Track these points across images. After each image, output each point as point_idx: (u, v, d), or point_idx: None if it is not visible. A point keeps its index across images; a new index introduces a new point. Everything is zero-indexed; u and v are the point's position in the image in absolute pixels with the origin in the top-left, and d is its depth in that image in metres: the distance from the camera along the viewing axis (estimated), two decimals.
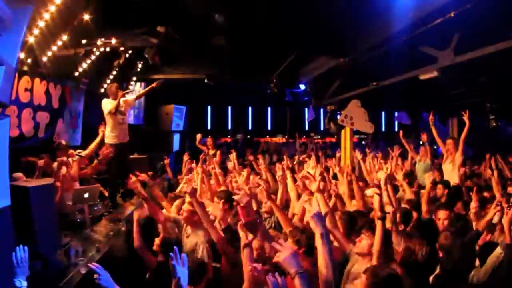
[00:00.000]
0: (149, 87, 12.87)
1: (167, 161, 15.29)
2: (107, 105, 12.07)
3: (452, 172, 12.24)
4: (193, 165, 12.17)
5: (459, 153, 12.21)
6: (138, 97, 14.05)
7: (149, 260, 7.26)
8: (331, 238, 5.89)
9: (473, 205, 8.43)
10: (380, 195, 5.87)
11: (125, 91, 12.66)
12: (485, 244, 6.99)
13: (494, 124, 18.80)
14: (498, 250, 6.34)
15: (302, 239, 5.69)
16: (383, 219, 5.52)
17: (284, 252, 3.97)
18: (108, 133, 12.18)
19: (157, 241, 7.27)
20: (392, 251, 6.31)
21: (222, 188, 10.47)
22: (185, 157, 13.36)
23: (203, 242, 7.44)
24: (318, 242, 4.26)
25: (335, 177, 12.14)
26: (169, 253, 4.39)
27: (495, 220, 7.31)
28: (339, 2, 10.88)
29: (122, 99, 12.21)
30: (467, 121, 12.36)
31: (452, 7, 9.42)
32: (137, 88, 18.48)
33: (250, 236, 5.44)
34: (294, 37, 14.17)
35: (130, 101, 12.87)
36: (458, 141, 12.51)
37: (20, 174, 8.35)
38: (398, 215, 7.60)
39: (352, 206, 9.35)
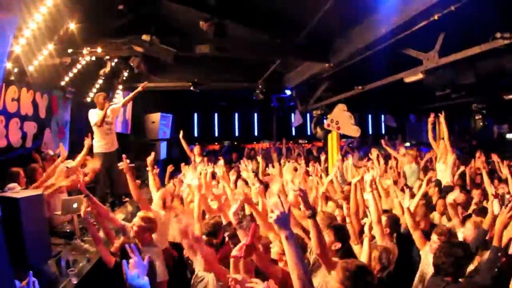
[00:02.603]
0: (135, 91, 12.89)
1: (156, 170, 15.21)
2: (93, 116, 12.05)
3: (445, 172, 12.41)
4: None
5: (450, 153, 12.36)
6: (125, 104, 14.01)
7: (109, 260, 7.15)
8: None
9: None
10: (302, 196, 5.78)
11: (112, 103, 12.64)
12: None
13: (481, 124, 18.85)
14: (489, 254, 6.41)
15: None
16: (313, 216, 5.50)
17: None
18: (96, 143, 12.16)
19: (116, 243, 7.24)
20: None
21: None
22: (169, 169, 13.34)
23: (158, 258, 7.40)
24: (285, 244, 4.11)
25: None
26: (125, 256, 4.40)
27: (496, 211, 7.33)
28: (323, 7, 10.91)
29: (109, 109, 12.20)
30: (443, 122, 12.54)
31: (436, 9, 9.49)
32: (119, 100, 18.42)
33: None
34: (279, 43, 14.22)
35: (117, 109, 12.87)
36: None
37: (15, 184, 8.35)
38: (385, 219, 7.64)
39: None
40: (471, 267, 6.53)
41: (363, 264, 5.23)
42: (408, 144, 26.04)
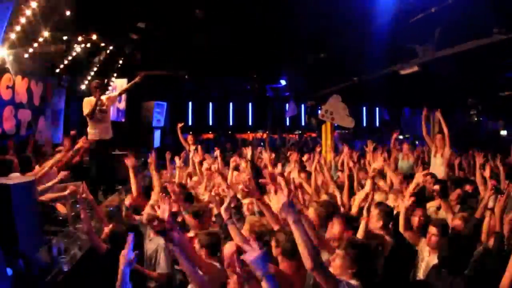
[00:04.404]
0: (132, 82, 12.76)
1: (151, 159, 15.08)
2: (86, 106, 11.94)
3: (441, 166, 12.35)
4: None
5: (447, 148, 12.30)
6: (121, 93, 13.96)
7: (100, 247, 7.11)
8: None
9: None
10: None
11: (106, 93, 12.54)
12: None
13: (475, 119, 18.89)
14: (480, 250, 6.46)
15: (283, 240, 5.66)
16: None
17: (252, 253, 4.00)
18: (90, 130, 12.08)
19: (106, 230, 7.25)
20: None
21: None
22: (168, 155, 13.27)
23: (163, 249, 7.31)
24: (293, 228, 4.26)
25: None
26: (115, 243, 4.44)
27: (490, 204, 7.40)
28: None
29: (104, 96, 12.14)
30: (441, 119, 12.48)
31: (433, 2, 9.48)
32: (118, 84, 18.39)
33: None
34: (274, 34, 14.20)
35: (112, 97, 12.77)
36: (444, 137, 12.59)
37: (17, 174, 8.35)
38: (377, 211, 7.61)
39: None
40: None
41: (368, 243, 5.30)
42: (401, 137, 26.00)
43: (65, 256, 7.40)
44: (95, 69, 15.77)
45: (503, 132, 28.07)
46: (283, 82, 21.92)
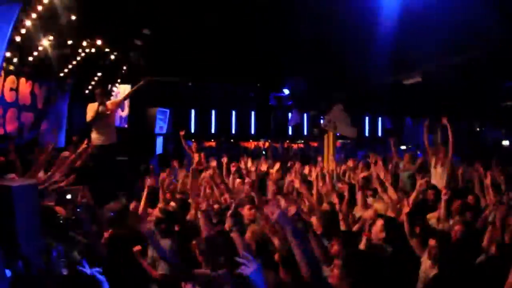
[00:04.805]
0: (137, 85, 12.75)
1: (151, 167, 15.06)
2: (89, 112, 11.91)
3: (442, 175, 12.27)
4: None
5: (448, 158, 12.24)
6: (126, 97, 13.95)
7: (100, 251, 7.12)
8: None
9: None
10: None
11: (106, 100, 12.48)
12: None
13: (477, 129, 18.82)
14: (481, 259, 6.47)
15: (281, 249, 5.67)
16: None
17: (249, 266, 4.02)
18: (94, 135, 12.06)
19: (106, 234, 7.27)
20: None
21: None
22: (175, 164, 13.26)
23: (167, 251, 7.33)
24: (290, 238, 4.31)
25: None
26: (115, 247, 4.51)
27: (490, 219, 7.43)
28: (323, 6, 10.90)
29: (109, 101, 12.14)
30: (448, 125, 12.40)
31: (437, 12, 9.48)
32: (122, 90, 18.41)
33: None
34: (278, 42, 14.20)
35: (117, 102, 12.77)
36: (447, 148, 12.50)
37: (13, 175, 8.36)
38: (381, 222, 7.60)
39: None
40: None
41: (367, 255, 5.31)
42: (403, 147, 25.93)
43: (64, 260, 7.42)
44: (99, 74, 15.79)
45: (505, 142, 27.98)
46: (286, 91, 21.87)
